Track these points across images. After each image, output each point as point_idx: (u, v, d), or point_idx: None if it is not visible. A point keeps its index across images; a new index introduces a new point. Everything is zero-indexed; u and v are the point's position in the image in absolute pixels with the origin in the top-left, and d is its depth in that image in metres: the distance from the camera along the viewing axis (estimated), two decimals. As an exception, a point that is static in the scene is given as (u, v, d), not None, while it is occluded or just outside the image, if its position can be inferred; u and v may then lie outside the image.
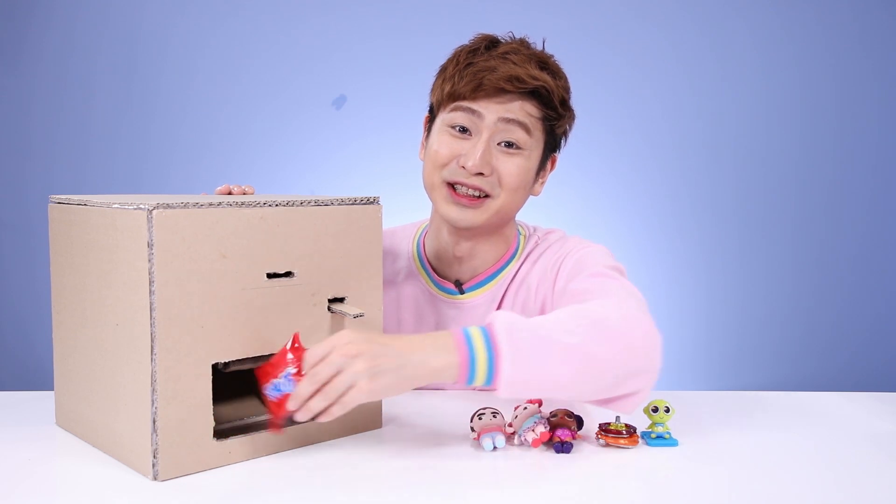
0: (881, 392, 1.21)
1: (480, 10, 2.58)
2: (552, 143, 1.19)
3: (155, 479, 0.83)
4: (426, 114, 1.23)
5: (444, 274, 1.24)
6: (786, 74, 2.80)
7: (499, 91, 1.09)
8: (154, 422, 0.82)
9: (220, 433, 0.89)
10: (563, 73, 1.17)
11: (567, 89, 1.17)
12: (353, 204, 0.97)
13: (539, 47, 1.18)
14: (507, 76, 1.08)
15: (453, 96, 1.12)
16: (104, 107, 2.85)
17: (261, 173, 2.83)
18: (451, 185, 1.13)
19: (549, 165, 1.21)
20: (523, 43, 1.16)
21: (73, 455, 0.92)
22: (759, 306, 2.80)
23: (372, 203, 0.99)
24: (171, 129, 2.86)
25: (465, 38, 1.16)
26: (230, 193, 1.08)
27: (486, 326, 0.88)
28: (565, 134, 1.20)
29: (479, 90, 1.09)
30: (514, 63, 1.10)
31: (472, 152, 1.10)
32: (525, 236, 1.26)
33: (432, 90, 1.19)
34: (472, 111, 1.11)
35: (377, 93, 2.77)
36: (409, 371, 0.85)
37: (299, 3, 2.82)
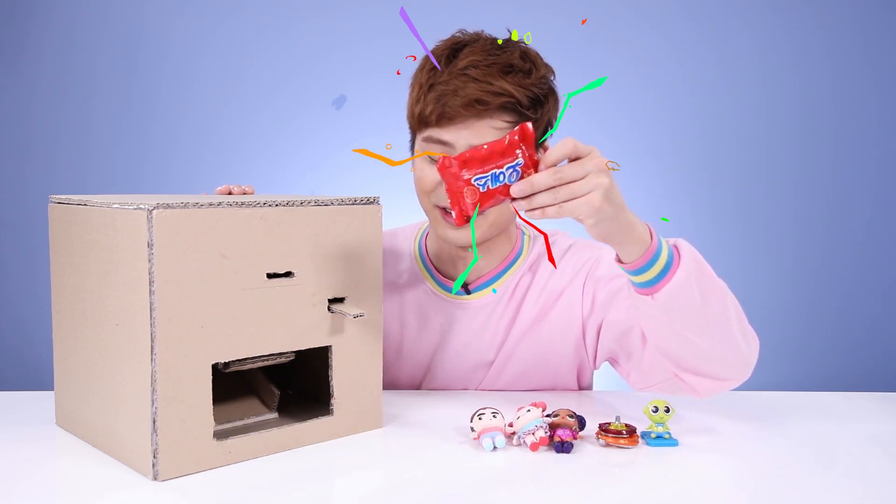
0: (881, 392, 1.21)
1: (480, 10, 2.58)
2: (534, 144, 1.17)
3: (155, 479, 0.83)
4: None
5: (447, 274, 1.24)
6: (785, 74, 2.80)
7: (462, 117, 1.06)
8: (154, 422, 0.82)
9: (220, 433, 0.89)
10: (537, 64, 1.10)
11: (541, 82, 1.09)
12: (353, 204, 0.97)
13: (517, 39, 1.11)
14: (466, 101, 1.04)
15: (422, 123, 1.10)
16: (104, 107, 2.85)
17: (261, 173, 2.83)
18: (442, 208, 1.13)
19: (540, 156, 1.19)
20: (485, 46, 1.09)
21: (73, 455, 0.92)
22: (759, 306, 2.79)
23: (372, 203, 0.99)
24: (171, 129, 2.86)
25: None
26: (230, 193, 1.08)
27: (673, 248, 0.94)
28: (550, 122, 1.14)
29: (443, 118, 1.06)
30: (475, 79, 1.05)
31: None
32: (530, 237, 1.25)
33: (407, 104, 1.16)
34: (443, 142, 1.08)
35: (377, 93, 2.77)
36: (624, 218, 0.88)
37: (299, 3, 2.83)
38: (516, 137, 0.84)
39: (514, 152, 0.84)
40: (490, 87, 1.05)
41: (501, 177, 0.84)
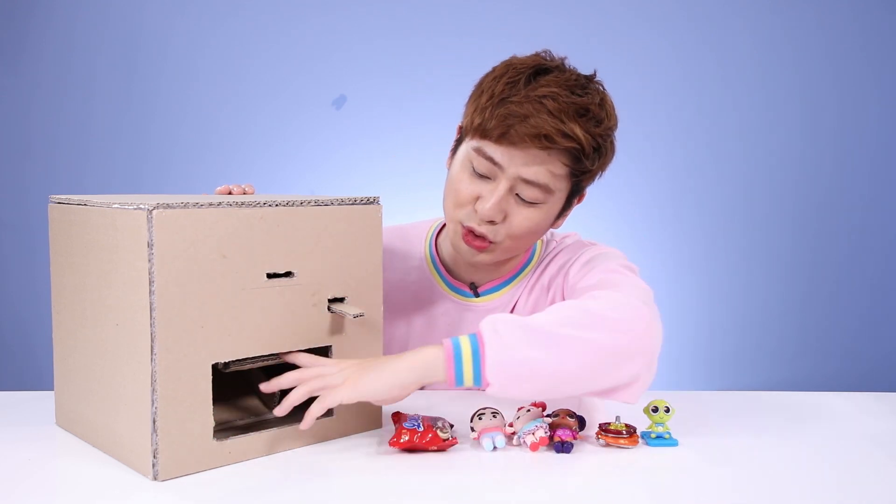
0: (879, 392, 1.21)
1: (480, 10, 2.58)
2: (578, 189, 1.13)
3: (155, 478, 0.83)
4: (460, 122, 1.16)
5: (458, 276, 1.23)
6: (785, 74, 2.80)
7: (525, 146, 1.02)
8: (154, 422, 0.82)
9: (220, 433, 0.89)
10: (608, 114, 1.08)
11: (607, 134, 1.07)
12: (353, 204, 0.97)
13: (588, 73, 1.10)
14: (534, 133, 1.00)
15: (480, 133, 1.05)
16: (104, 107, 2.85)
17: (261, 173, 2.83)
18: (468, 228, 1.10)
19: (574, 203, 1.16)
20: (568, 81, 1.05)
21: (73, 455, 0.92)
22: (759, 307, 2.80)
23: (372, 203, 0.99)
24: (171, 129, 2.86)
25: (465, 37, 1.15)
26: (230, 193, 1.07)
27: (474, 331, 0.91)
28: (600, 175, 1.13)
29: (504, 139, 1.02)
30: (549, 112, 1.01)
31: (488, 198, 1.05)
32: (543, 242, 1.25)
33: (468, 103, 1.11)
34: (493, 161, 1.04)
35: (377, 93, 2.77)
36: (394, 366, 0.89)
37: (299, 3, 2.82)
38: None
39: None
40: (561, 127, 1.01)
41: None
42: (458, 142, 1.14)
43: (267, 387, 0.92)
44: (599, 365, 0.89)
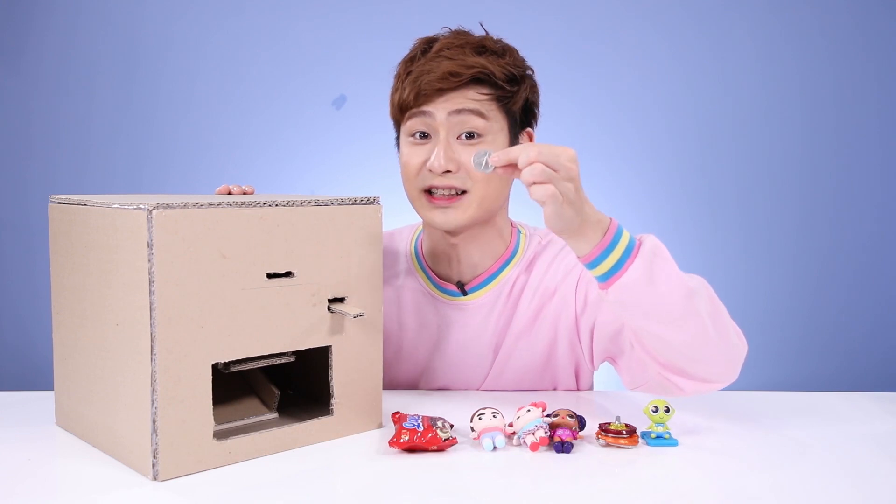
0: (880, 392, 1.21)
1: (481, 10, 2.58)
2: (519, 121, 1.17)
3: (155, 479, 0.83)
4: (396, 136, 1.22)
5: (444, 276, 1.24)
6: (786, 74, 2.80)
7: (439, 91, 1.10)
8: (154, 422, 0.82)
9: (220, 433, 0.89)
10: (508, 49, 1.16)
11: (515, 64, 1.14)
12: (353, 204, 0.97)
13: (483, 33, 1.17)
14: (441, 74, 1.09)
15: (402, 108, 1.13)
16: (105, 107, 2.85)
17: (261, 173, 2.83)
18: (428, 192, 1.13)
19: (522, 138, 1.20)
20: (459, 34, 1.16)
21: (73, 455, 0.92)
22: (760, 307, 2.80)
23: (372, 203, 0.99)
24: (171, 129, 2.86)
25: (465, 37, 1.16)
26: (230, 193, 1.08)
27: (636, 238, 0.95)
28: (531, 108, 1.19)
29: (421, 95, 1.10)
30: (448, 58, 1.10)
31: (436, 153, 1.11)
32: (526, 235, 1.25)
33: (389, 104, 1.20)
34: (423, 112, 1.11)
35: (377, 93, 2.77)
36: (582, 213, 0.91)
37: (299, 3, 2.82)
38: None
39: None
40: (463, 62, 1.10)
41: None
42: (396, 140, 1.21)
43: (497, 159, 0.91)
44: (700, 354, 0.97)
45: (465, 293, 1.21)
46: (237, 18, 2.83)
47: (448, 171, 1.11)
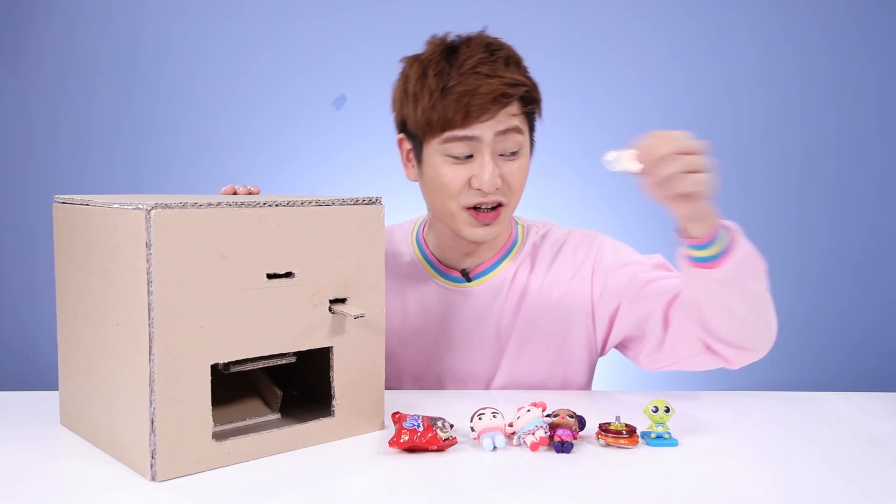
0: (880, 392, 1.21)
1: (481, 10, 2.58)
2: (533, 123, 1.20)
3: (153, 479, 0.83)
4: (399, 135, 1.21)
5: (450, 265, 1.26)
6: (786, 74, 2.80)
7: (488, 112, 1.10)
8: (152, 422, 0.82)
9: (219, 434, 0.89)
10: (519, 56, 1.16)
11: (526, 67, 1.17)
12: (354, 204, 0.97)
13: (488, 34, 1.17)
14: (492, 96, 1.09)
15: (442, 127, 1.11)
16: (105, 107, 2.85)
17: (261, 173, 2.83)
18: (473, 208, 1.15)
19: (534, 137, 1.23)
20: (481, 43, 1.13)
21: (73, 455, 0.92)
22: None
23: (374, 203, 0.99)
24: (171, 129, 2.86)
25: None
26: (235, 193, 1.08)
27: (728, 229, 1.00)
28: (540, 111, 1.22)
29: (470, 116, 1.09)
30: (488, 76, 1.09)
31: (482, 174, 1.11)
32: (523, 226, 1.29)
33: (399, 111, 1.18)
34: (468, 137, 1.11)
35: (377, 93, 2.77)
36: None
37: (299, 3, 2.83)
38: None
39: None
40: (507, 80, 1.10)
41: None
42: (414, 150, 1.18)
43: (643, 157, 0.99)
44: (758, 324, 1.05)
45: (468, 279, 1.24)
46: (237, 18, 2.83)
47: (497, 189, 1.14)
